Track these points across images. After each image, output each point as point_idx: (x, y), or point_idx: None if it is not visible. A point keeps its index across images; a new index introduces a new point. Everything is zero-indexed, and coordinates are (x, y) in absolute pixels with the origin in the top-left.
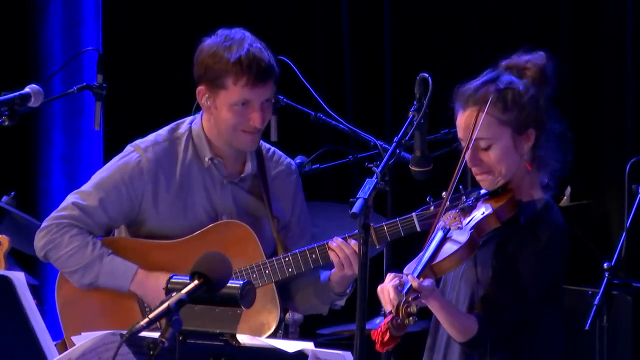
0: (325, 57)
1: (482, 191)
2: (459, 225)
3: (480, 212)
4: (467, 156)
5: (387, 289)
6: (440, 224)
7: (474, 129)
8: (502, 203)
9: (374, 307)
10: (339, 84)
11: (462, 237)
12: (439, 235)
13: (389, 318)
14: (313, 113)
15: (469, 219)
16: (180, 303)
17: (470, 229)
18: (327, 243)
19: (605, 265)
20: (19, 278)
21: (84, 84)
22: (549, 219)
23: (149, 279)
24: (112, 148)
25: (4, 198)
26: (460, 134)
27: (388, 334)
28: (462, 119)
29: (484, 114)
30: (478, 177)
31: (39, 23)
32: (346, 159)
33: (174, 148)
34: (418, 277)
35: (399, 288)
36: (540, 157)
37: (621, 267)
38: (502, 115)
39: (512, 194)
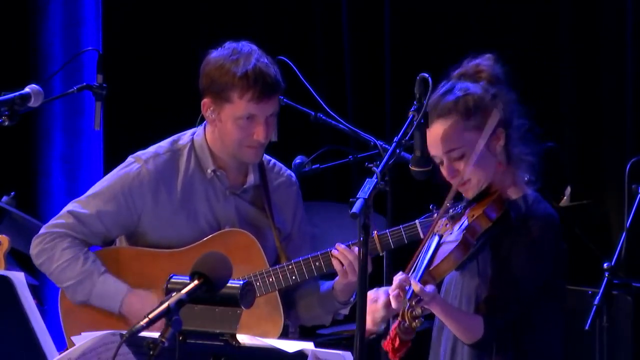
0: (325, 57)
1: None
2: (451, 232)
3: (470, 215)
4: (444, 171)
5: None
6: (436, 229)
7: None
8: (489, 203)
9: None
10: (339, 84)
11: (455, 239)
12: (434, 243)
13: (396, 324)
14: (313, 113)
15: (459, 224)
16: (180, 303)
17: (463, 230)
18: (331, 251)
19: (605, 265)
20: (19, 278)
21: (84, 84)
22: (538, 211)
23: (137, 301)
24: (112, 148)
25: (4, 198)
26: (431, 151)
27: (398, 339)
28: (430, 134)
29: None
30: (460, 188)
31: (39, 23)
32: (346, 159)
33: (175, 160)
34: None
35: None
36: (515, 155)
37: (621, 267)
38: (467, 121)
39: (498, 193)
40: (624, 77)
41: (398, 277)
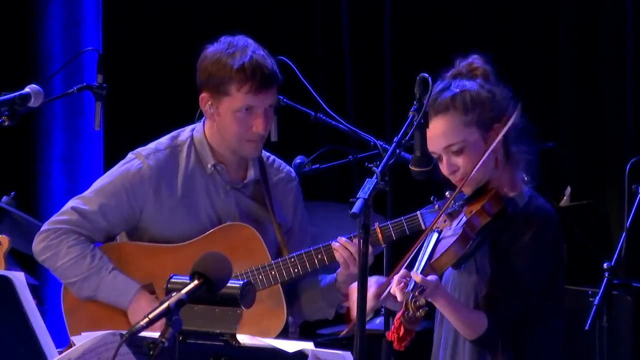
0: (325, 57)
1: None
2: (449, 227)
3: (469, 211)
4: (444, 167)
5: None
6: (435, 226)
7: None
8: (487, 199)
9: None
10: (339, 84)
11: (454, 233)
12: (433, 238)
13: (399, 314)
14: (313, 113)
15: (457, 221)
16: (180, 303)
17: (462, 225)
18: (332, 243)
19: (605, 265)
20: (19, 278)
21: (84, 84)
22: (536, 208)
23: (145, 301)
24: (112, 148)
25: (4, 198)
26: (430, 147)
27: (402, 328)
28: (429, 131)
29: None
30: (458, 183)
31: (39, 23)
32: (346, 159)
33: (175, 155)
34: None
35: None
36: (513, 153)
37: (621, 267)
38: (465, 116)
39: (495, 190)
40: (624, 77)
41: (399, 274)
